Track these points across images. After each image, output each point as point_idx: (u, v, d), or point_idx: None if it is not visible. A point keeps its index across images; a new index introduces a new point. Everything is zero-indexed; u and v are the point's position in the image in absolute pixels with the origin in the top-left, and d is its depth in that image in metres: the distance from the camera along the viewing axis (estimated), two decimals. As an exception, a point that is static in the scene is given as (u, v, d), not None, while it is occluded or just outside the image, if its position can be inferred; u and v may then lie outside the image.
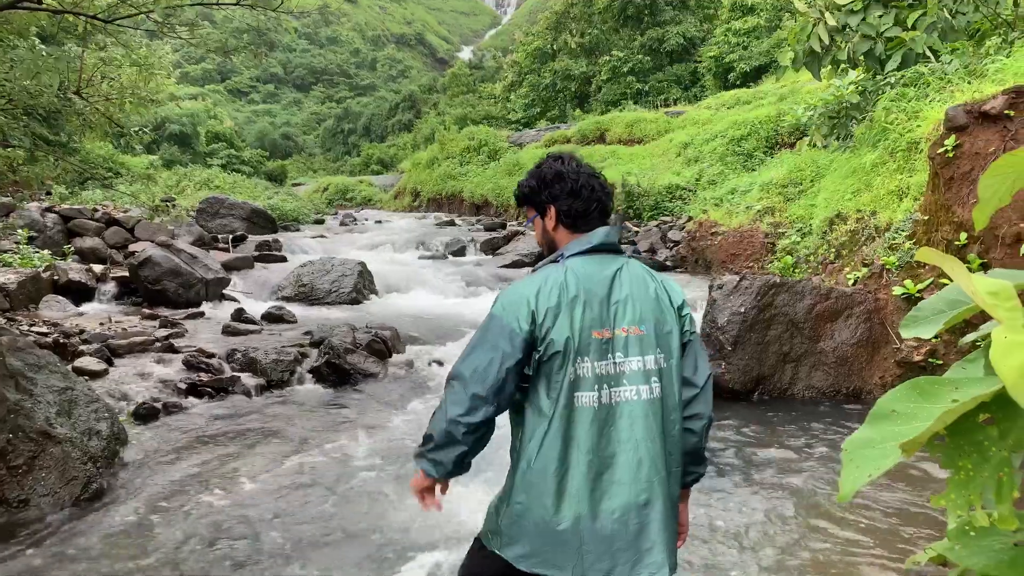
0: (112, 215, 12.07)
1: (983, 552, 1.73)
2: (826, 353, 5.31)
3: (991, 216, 2.07)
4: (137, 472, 4.06)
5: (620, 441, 1.97)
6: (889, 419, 1.61)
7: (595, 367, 1.96)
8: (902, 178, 7.34)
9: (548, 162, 2.16)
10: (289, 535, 3.32)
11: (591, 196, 2.10)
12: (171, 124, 40.30)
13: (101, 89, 5.69)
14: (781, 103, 16.76)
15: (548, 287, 1.98)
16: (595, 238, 2.06)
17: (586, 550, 1.93)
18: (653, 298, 2.05)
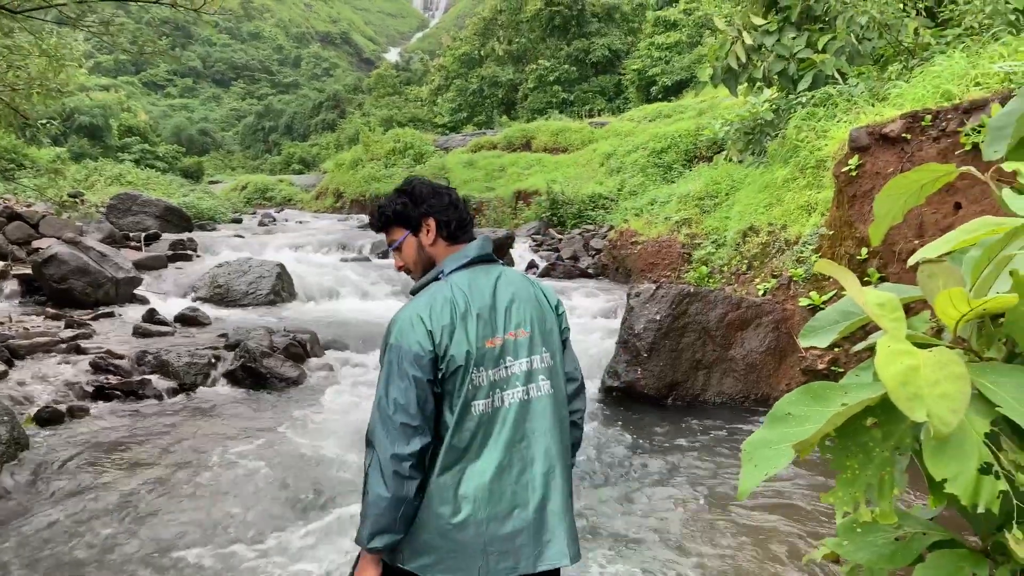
0: (14, 209, 11.49)
1: (868, 547, 1.86)
2: (736, 360, 5.51)
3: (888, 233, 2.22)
4: (36, 477, 3.89)
5: (514, 441, 2.04)
6: (785, 421, 1.71)
7: (489, 375, 2.03)
8: (811, 194, 7.69)
9: (415, 182, 2.22)
10: (182, 540, 3.24)
11: (465, 209, 2.18)
12: (81, 115, 38.59)
13: (7, 78, 5.44)
14: (700, 117, 17.30)
15: (439, 305, 2.02)
16: (471, 251, 2.13)
17: (490, 551, 1.98)
18: (533, 300, 2.14)
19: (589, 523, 3.47)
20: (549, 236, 15.17)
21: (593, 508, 3.68)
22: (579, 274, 12.16)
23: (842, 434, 1.65)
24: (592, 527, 3.44)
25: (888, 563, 1.75)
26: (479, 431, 2.02)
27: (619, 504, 3.76)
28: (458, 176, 21.83)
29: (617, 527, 3.46)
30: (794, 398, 1.69)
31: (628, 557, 3.15)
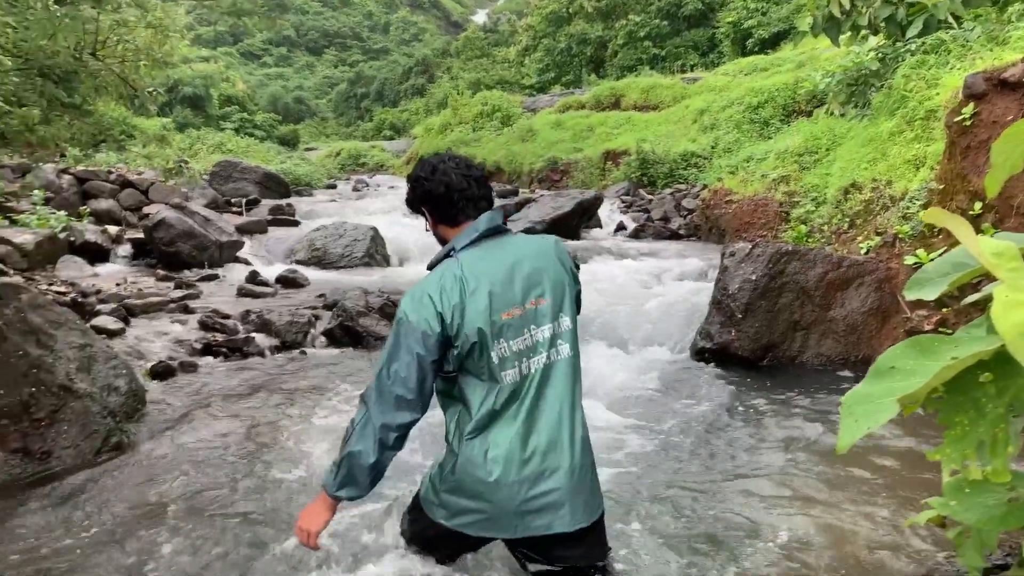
0: (126, 177, 12.13)
1: (978, 508, 1.77)
2: (836, 321, 5.32)
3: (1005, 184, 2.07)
4: (155, 427, 4.15)
5: (539, 404, 2.12)
6: (889, 375, 1.64)
7: (513, 345, 2.10)
8: (919, 147, 7.27)
9: (416, 169, 2.30)
10: (305, 486, 3.39)
11: (448, 192, 2.20)
12: (184, 86, 40.18)
13: (116, 51, 5.69)
14: (799, 70, 16.53)
15: (448, 285, 2.08)
16: (480, 226, 2.19)
17: (523, 511, 2.08)
18: (551, 265, 2.20)
19: (672, 492, 3.45)
20: (639, 197, 14.92)
21: (682, 469, 3.65)
22: (670, 235, 11.94)
23: (952, 389, 1.57)
24: (680, 487, 3.41)
25: (1000, 525, 1.66)
26: (512, 398, 2.10)
27: (707, 464, 3.72)
28: (545, 138, 21.67)
29: (706, 487, 3.42)
30: (899, 351, 1.61)
31: (715, 518, 3.12)
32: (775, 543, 2.88)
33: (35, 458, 3.55)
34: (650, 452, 3.87)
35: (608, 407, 4.55)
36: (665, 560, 2.77)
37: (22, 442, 3.52)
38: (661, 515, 3.12)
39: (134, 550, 2.87)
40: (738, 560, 2.77)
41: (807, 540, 2.90)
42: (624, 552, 2.79)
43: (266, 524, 3.06)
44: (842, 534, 2.93)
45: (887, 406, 1.42)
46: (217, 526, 3.04)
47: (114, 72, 5.79)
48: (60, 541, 2.94)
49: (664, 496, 3.31)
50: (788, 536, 2.93)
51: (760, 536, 2.94)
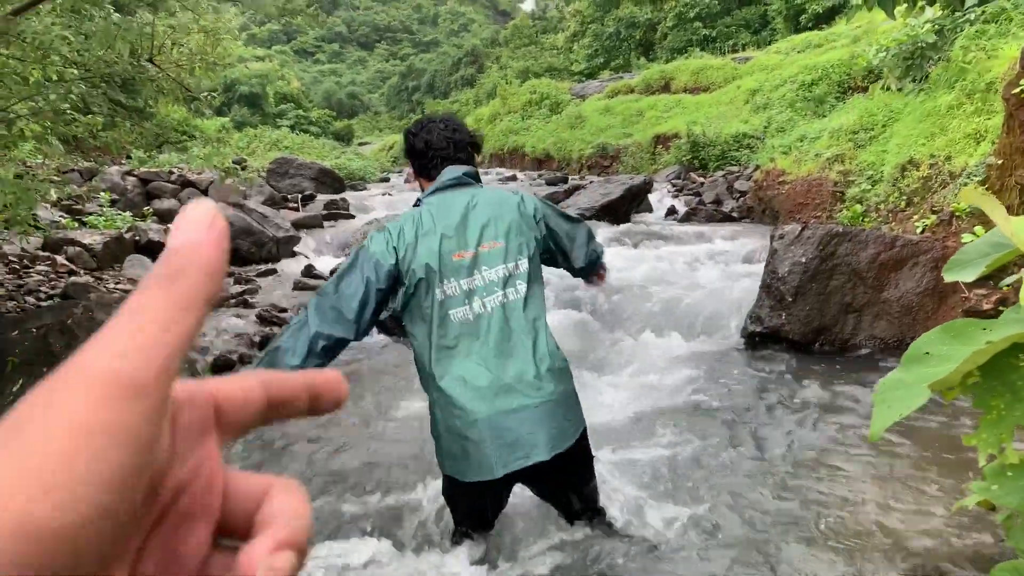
0: (187, 177, 12.53)
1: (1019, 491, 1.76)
2: (890, 303, 5.21)
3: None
4: (217, 419, 4.33)
5: (502, 340, 2.26)
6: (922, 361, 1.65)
7: (461, 284, 2.27)
8: (980, 121, 7.05)
9: (409, 128, 2.53)
10: (361, 482, 3.50)
11: (426, 149, 2.44)
12: (241, 86, 41.11)
13: (172, 56, 5.90)
14: (854, 45, 16.09)
15: (407, 226, 2.30)
16: (444, 176, 2.41)
17: (499, 444, 2.19)
18: (509, 214, 2.38)
19: (723, 469, 3.46)
20: (690, 180, 14.75)
21: (730, 453, 3.65)
22: (722, 218, 11.78)
23: (987, 373, 1.56)
24: (727, 473, 3.42)
25: (1036, 507, 1.65)
26: (465, 336, 2.25)
27: (758, 449, 3.71)
28: (594, 123, 21.56)
29: (755, 473, 3.42)
30: (933, 337, 1.61)
31: (763, 505, 3.13)
32: (825, 528, 2.88)
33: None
34: (698, 436, 3.88)
35: (657, 391, 4.57)
36: (710, 546, 2.79)
37: (94, 433, 3.72)
38: (708, 501, 3.13)
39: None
40: (787, 545, 2.77)
41: (856, 526, 2.88)
42: (672, 537, 2.82)
43: (328, 511, 3.18)
44: (892, 518, 2.91)
45: (919, 392, 1.43)
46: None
47: (170, 76, 6.01)
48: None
49: (711, 481, 3.32)
50: (838, 521, 2.92)
51: (810, 521, 2.94)
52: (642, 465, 3.52)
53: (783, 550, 2.73)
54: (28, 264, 7.36)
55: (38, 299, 6.22)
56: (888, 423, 1.56)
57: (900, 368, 1.66)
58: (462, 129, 2.52)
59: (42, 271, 7.18)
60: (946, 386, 1.49)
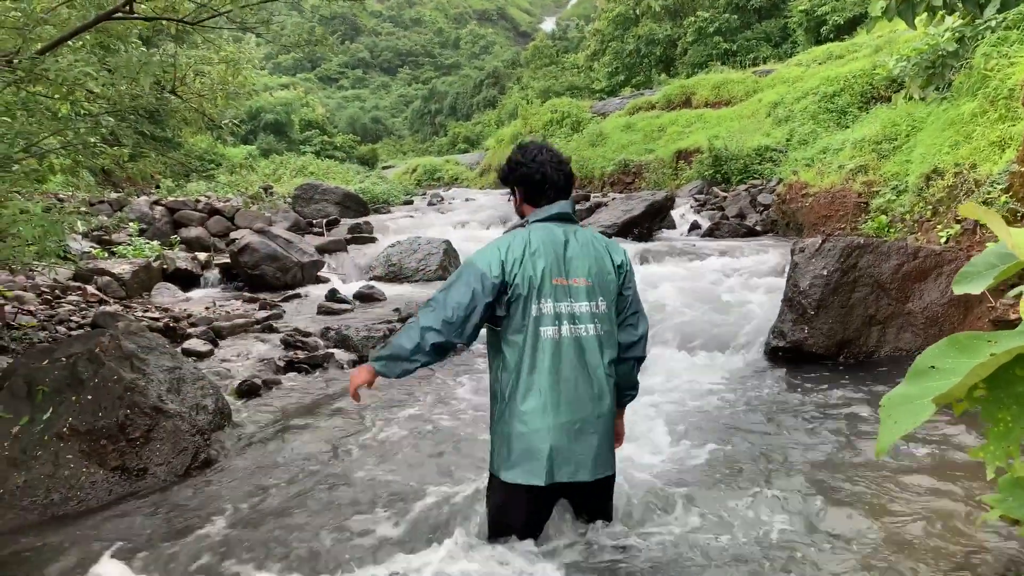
0: (214, 205, 12.75)
1: (1032, 503, 1.72)
2: (915, 314, 5.14)
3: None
4: (242, 443, 4.37)
5: (574, 367, 2.50)
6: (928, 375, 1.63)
7: (554, 307, 2.51)
8: (1004, 127, 6.97)
9: (514, 152, 2.77)
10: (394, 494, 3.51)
11: (543, 181, 2.66)
12: (266, 114, 41.75)
13: (194, 86, 6.04)
14: (876, 55, 15.98)
15: (516, 243, 2.54)
16: (553, 209, 2.65)
17: (553, 457, 2.45)
18: (598, 257, 2.62)
19: (749, 485, 3.42)
20: (712, 195, 14.70)
21: (755, 470, 3.61)
22: (745, 232, 11.72)
23: (993, 385, 1.54)
24: (753, 490, 3.38)
25: (1052, 521, 1.62)
26: (549, 354, 2.48)
27: (783, 465, 3.66)
28: (615, 141, 21.58)
29: (781, 490, 3.38)
30: (939, 351, 1.59)
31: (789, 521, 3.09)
32: (852, 541, 2.83)
33: (132, 475, 3.80)
34: (723, 452, 3.85)
35: (681, 408, 4.54)
36: (730, 560, 2.76)
37: (120, 460, 3.78)
38: (731, 516, 3.10)
39: (227, 560, 3.04)
40: (810, 559, 2.73)
41: (884, 538, 2.84)
42: (694, 545, 2.80)
43: (354, 533, 3.19)
44: (918, 529, 2.86)
45: (924, 407, 1.42)
46: (306, 537, 3.19)
47: (193, 107, 6.15)
48: (160, 552, 3.14)
49: (735, 497, 3.29)
50: (866, 533, 2.88)
51: (839, 535, 2.90)
52: (667, 476, 3.50)
53: (808, 561, 2.69)
54: (60, 294, 7.52)
55: (69, 328, 6.35)
56: (894, 439, 1.54)
57: (905, 382, 1.64)
58: (566, 163, 2.76)
59: (73, 301, 7.34)
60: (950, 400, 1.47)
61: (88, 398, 3.86)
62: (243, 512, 3.48)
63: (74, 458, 3.74)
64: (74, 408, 3.84)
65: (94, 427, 3.78)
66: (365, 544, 3.06)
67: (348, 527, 3.23)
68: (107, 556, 3.09)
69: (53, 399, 3.90)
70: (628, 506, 3.08)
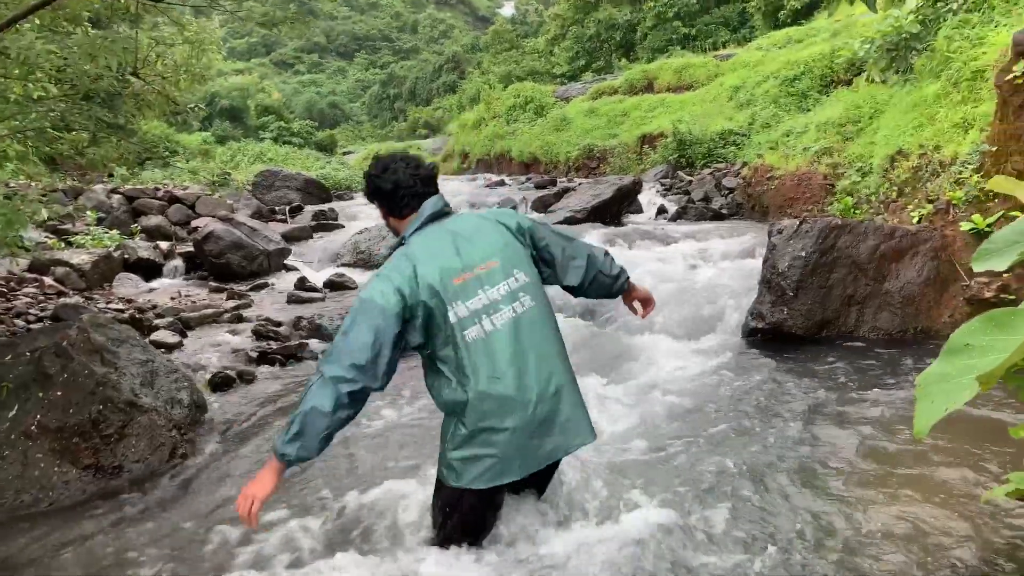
0: (173, 193, 12.42)
1: (1062, 482, 1.71)
2: (892, 294, 5.20)
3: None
4: (219, 436, 4.24)
5: (518, 352, 2.39)
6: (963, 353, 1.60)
7: (468, 306, 2.39)
8: (967, 109, 7.06)
9: (369, 167, 2.65)
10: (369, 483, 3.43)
11: (395, 189, 2.57)
12: (221, 99, 40.87)
13: (156, 68, 5.82)
14: (835, 39, 16.16)
15: (403, 265, 2.41)
16: (424, 212, 2.56)
17: (525, 447, 2.37)
18: (494, 234, 2.53)
19: (737, 473, 3.41)
20: (678, 179, 14.75)
21: (739, 453, 3.61)
22: (712, 216, 11.78)
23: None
24: (737, 473, 3.37)
25: (1086, 498, 1.61)
26: (482, 354, 2.37)
27: (765, 447, 3.67)
28: (579, 126, 21.54)
29: (765, 471, 3.38)
30: (974, 327, 1.57)
31: (775, 502, 3.08)
32: (840, 523, 2.84)
33: (107, 473, 3.66)
34: (705, 436, 3.84)
35: (661, 392, 4.52)
36: (719, 547, 2.74)
37: (94, 458, 3.64)
38: (717, 502, 3.08)
39: (206, 557, 2.94)
40: (802, 543, 2.73)
41: (872, 522, 2.84)
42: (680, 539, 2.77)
43: (331, 527, 3.11)
44: (916, 509, 2.87)
45: (965, 385, 1.38)
46: (283, 531, 3.09)
47: (155, 90, 5.92)
48: (139, 552, 3.02)
49: (720, 482, 3.27)
50: (853, 518, 2.88)
51: (825, 516, 2.90)
52: (649, 463, 3.48)
53: (799, 544, 2.68)
54: (15, 287, 7.24)
55: (27, 321, 6.11)
56: (935, 418, 1.51)
57: (940, 360, 1.61)
58: (423, 164, 2.65)
59: (30, 293, 7.07)
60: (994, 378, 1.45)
61: (57, 394, 3.70)
62: (223, 508, 3.37)
63: (44, 457, 3.58)
64: (42, 405, 3.68)
65: (65, 424, 3.62)
66: (345, 539, 2.98)
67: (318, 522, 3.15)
68: (80, 557, 2.98)
69: (18, 396, 3.73)
70: (595, 496, 3.03)
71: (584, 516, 2.91)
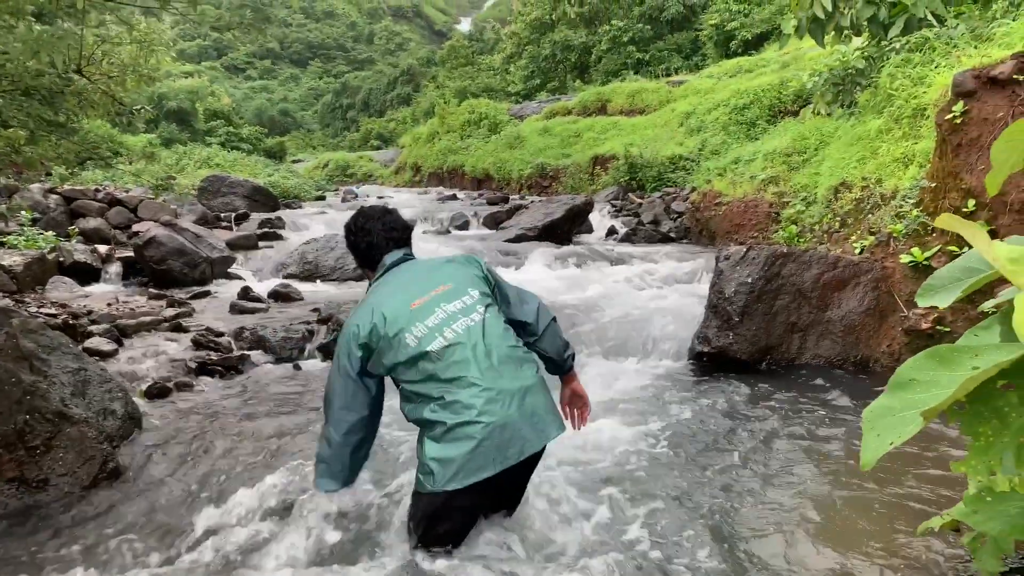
0: (114, 195, 12.05)
1: (1000, 516, 1.75)
2: (834, 322, 5.32)
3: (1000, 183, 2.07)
4: (153, 449, 4.09)
5: (480, 356, 2.57)
6: (909, 387, 1.62)
7: (427, 324, 2.61)
8: (908, 145, 7.30)
9: (351, 220, 2.99)
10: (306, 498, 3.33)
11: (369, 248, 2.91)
12: (169, 101, 40.02)
13: (102, 67, 5.65)
14: (784, 71, 16.63)
15: (362, 314, 2.69)
16: (386, 262, 2.87)
17: (499, 445, 2.49)
18: (449, 266, 2.83)
19: (682, 496, 3.42)
20: (628, 201, 14.94)
21: (686, 480, 3.63)
22: (660, 238, 11.95)
23: (974, 399, 1.54)
24: (685, 501, 3.39)
25: (1022, 534, 1.65)
26: (449, 361, 2.55)
27: (707, 472, 3.69)
28: (533, 144, 21.69)
29: (712, 500, 3.40)
30: (917, 363, 1.59)
31: (716, 527, 3.10)
32: (777, 552, 2.86)
33: (32, 487, 3.49)
34: (649, 460, 3.84)
35: (605, 414, 4.52)
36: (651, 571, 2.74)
37: (18, 471, 3.46)
38: (652, 520, 3.09)
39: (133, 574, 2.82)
40: (737, 569, 2.74)
41: (809, 549, 2.88)
42: (621, 560, 2.76)
43: (269, 540, 3.01)
44: (845, 541, 2.91)
45: (909, 419, 1.40)
46: (219, 547, 2.98)
47: (100, 89, 5.75)
48: (62, 570, 2.88)
49: (663, 508, 3.28)
50: (791, 545, 2.91)
51: (762, 546, 2.92)
52: (589, 485, 3.46)
53: (721, 565, 2.70)
54: (-60, 286, 6.91)
55: (-48, 324, 5.82)
56: (880, 452, 1.52)
57: (887, 394, 1.63)
58: (399, 222, 2.95)
59: (-44, 294, 6.75)
60: (934, 413, 1.47)
61: (-19, 402, 3.51)
62: (152, 523, 3.24)
63: (-37, 468, 3.40)
64: (-36, 413, 3.49)
65: (-12, 434, 3.44)
66: (280, 556, 2.89)
67: (257, 537, 3.05)
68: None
69: (-60, 404, 3.54)
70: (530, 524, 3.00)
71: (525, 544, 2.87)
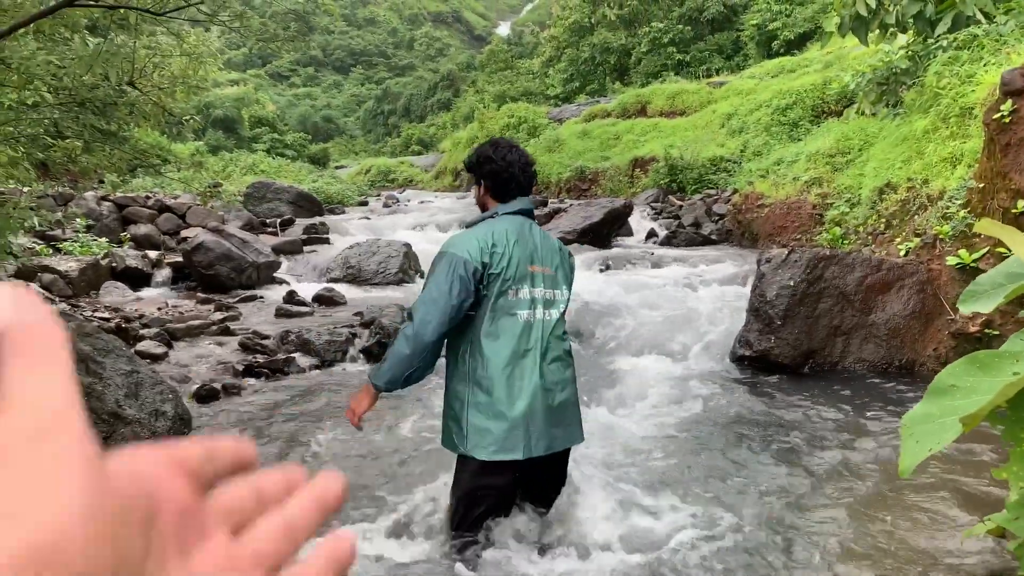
0: (164, 202, 12.38)
1: (1043, 522, 1.73)
2: (877, 326, 5.24)
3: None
4: (202, 450, 4.21)
5: (547, 348, 2.68)
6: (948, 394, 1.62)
7: (530, 292, 2.69)
8: (955, 145, 7.15)
9: (485, 146, 2.91)
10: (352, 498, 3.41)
11: (510, 180, 2.82)
12: (215, 109, 40.88)
13: (153, 79, 5.83)
14: (827, 71, 16.37)
15: (493, 231, 2.69)
16: (517, 204, 2.84)
17: (531, 433, 2.59)
18: (558, 251, 2.90)
19: (719, 499, 3.42)
20: (668, 203, 14.85)
21: (723, 482, 3.62)
22: (701, 241, 11.86)
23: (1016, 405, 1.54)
24: (722, 504, 3.38)
25: (1066, 539, 1.63)
26: (524, 336, 2.64)
27: (747, 476, 3.68)
28: (572, 147, 21.68)
29: (750, 504, 3.39)
30: (958, 369, 1.59)
31: (757, 532, 3.09)
32: (815, 559, 2.84)
33: (88, 484, 3.62)
34: (688, 464, 3.84)
35: (645, 416, 4.53)
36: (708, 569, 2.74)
37: (76, 468, 3.60)
38: (696, 527, 3.09)
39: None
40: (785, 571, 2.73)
41: (849, 554, 2.85)
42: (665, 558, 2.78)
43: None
44: (894, 544, 2.88)
45: (949, 426, 1.40)
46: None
47: (151, 100, 5.93)
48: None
49: (700, 509, 3.28)
50: (830, 549, 2.89)
51: (801, 549, 2.91)
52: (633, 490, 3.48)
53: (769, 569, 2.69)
54: (1, 292, 7.19)
55: (13, 328, 6.06)
56: (919, 459, 1.53)
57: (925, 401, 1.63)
58: (532, 164, 2.94)
59: (16, 299, 7.01)
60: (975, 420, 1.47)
61: (41, 403, 3.67)
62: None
63: (25, 466, 3.54)
64: (25, 413, 3.64)
65: (48, 434, 3.59)
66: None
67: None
68: None
69: (2, 404, 3.70)
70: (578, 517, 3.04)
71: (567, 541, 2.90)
